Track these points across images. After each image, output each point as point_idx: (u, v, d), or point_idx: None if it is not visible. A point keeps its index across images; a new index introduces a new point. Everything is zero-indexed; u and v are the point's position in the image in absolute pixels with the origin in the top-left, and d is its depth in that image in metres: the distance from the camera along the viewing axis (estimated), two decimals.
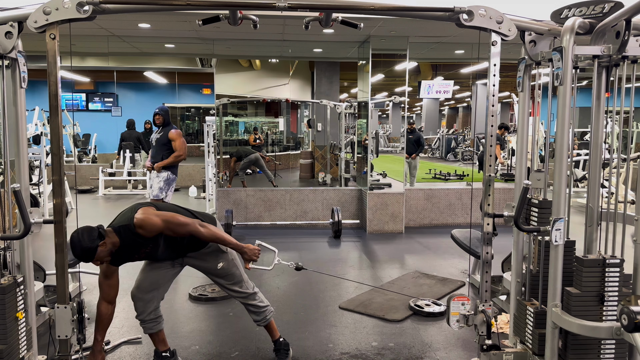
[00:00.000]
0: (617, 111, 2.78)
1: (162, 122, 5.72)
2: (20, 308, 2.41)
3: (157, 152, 5.68)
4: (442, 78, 12.61)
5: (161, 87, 14.54)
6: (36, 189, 7.24)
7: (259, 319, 2.97)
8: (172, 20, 6.03)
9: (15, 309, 2.36)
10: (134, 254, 2.67)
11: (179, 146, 5.65)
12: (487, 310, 2.60)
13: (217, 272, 2.86)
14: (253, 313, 2.97)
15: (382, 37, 6.77)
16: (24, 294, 2.44)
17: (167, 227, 2.59)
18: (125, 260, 2.68)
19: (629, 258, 2.37)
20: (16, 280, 2.37)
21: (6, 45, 2.33)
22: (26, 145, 2.50)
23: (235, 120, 13.08)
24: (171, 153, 5.66)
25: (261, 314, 2.95)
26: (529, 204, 2.62)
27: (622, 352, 2.37)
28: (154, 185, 5.65)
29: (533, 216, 2.60)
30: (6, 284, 2.30)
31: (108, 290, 2.73)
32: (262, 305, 2.96)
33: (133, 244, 2.59)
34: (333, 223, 6.39)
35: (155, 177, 5.65)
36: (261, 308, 2.95)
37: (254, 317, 2.98)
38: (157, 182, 5.62)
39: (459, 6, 2.42)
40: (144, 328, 2.89)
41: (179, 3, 2.45)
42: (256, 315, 2.97)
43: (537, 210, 2.56)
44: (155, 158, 5.68)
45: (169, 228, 2.60)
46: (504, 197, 6.84)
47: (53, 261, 2.41)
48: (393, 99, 8.18)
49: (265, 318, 2.96)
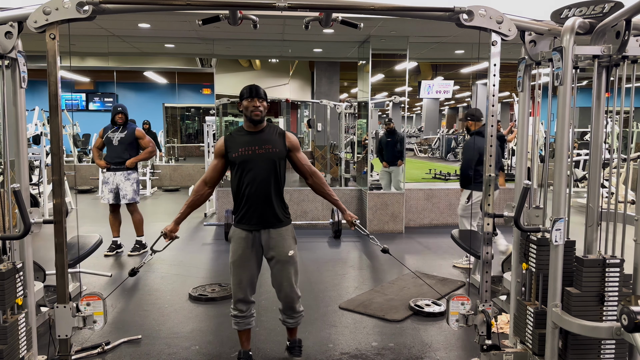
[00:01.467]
0: (617, 111, 2.78)
1: (124, 121, 5.44)
2: (20, 294, 2.40)
3: (122, 151, 5.37)
4: (442, 78, 12.62)
5: (161, 87, 14.55)
6: (36, 189, 7.24)
7: (292, 322, 2.96)
8: (172, 20, 6.03)
9: (15, 295, 2.35)
10: (250, 147, 2.75)
11: (149, 142, 5.54)
12: (487, 310, 2.60)
13: (286, 258, 2.79)
14: (289, 317, 2.93)
15: (382, 37, 6.78)
16: (23, 280, 2.43)
17: (300, 149, 2.89)
18: (241, 150, 2.74)
19: (629, 258, 2.37)
20: (15, 266, 2.36)
21: (6, 45, 2.32)
22: (26, 145, 2.50)
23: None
24: (137, 152, 5.47)
25: (297, 318, 2.96)
26: (527, 239, 2.60)
27: (622, 352, 2.37)
28: (127, 189, 5.34)
29: (532, 254, 2.55)
30: (5, 270, 2.28)
31: (211, 173, 2.85)
32: (301, 310, 2.96)
33: (267, 137, 2.78)
34: (333, 223, 6.39)
35: (125, 181, 5.34)
36: (299, 313, 2.95)
37: (289, 320, 2.95)
38: (130, 185, 5.36)
39: (459, 6, 2.42)
40: (240, 324, 2.89)
41: (179, 3, 2.45)
42: (291, 318, 2.94)
43: (536, 248, 2.51)
44: (121, 158, 5.36)
45: (302, 154, 2.91)
46: (504, 197, 6.85)
47: (53, 261, 2.41)
48: (393, 99, 8.19)
49: (298, 322, 2.98)
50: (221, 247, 6.00)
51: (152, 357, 3.12)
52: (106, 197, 5.41)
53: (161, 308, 3.97)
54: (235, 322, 2.89)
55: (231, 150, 2.76)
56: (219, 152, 2.82)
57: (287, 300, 2.86)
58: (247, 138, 2.77)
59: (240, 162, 2.74)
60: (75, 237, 3.67)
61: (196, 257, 5.50)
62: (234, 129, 2.86)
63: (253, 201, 2.74)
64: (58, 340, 2.48)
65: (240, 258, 2.79)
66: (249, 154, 2.73)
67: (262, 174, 2.73)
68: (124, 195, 5.38)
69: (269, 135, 2.79)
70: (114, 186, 5.38)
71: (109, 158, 5.42)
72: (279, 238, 2.78)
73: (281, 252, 2.78)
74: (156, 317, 3.77)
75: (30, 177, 7.03)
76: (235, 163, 2.76)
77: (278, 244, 2.78)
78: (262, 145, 2.75)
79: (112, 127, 5.43)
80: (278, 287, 2.85)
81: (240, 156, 2.74)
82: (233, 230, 2.85)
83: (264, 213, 2.76)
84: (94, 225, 6.55)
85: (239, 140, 2.77)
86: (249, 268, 2.80)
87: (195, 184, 2.88)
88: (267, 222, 2.77)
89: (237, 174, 2.77)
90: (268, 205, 2.76)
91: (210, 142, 8.27)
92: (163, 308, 3.97)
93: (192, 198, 2.86)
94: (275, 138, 2.80)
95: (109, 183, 5.38)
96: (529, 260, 2.58)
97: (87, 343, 3.24)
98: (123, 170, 5.38)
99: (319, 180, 2.94)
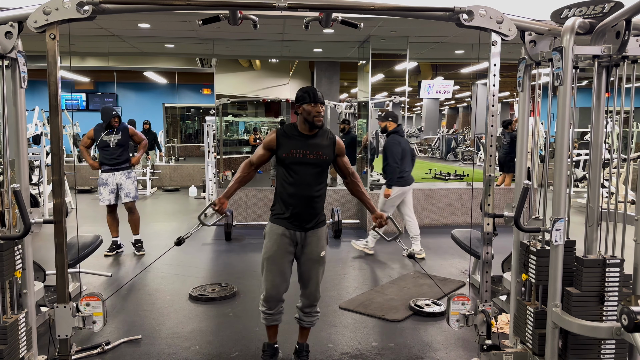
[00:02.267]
0: (617, 111, 2.79)
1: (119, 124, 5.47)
2: (19, 267, 2.39)
3: (120, 153, 5.41)
4: (442, 78, 12.60)
5: (161, 87, 14.54)
6: (36, 189, 7.25)
7: (308, 321, 2.99)
8: (172, 20, 6.03)
9: (14, 267, 2.35)
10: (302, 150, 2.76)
11: (141, 136, 5.68)
12: (487, 310, 2.60)
13: (318, 258, 2.84)
14: (307, 315, 2.97)
15: (382, 37, 6.77)
16: (22, 253, 2.42)
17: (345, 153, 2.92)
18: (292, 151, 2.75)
19: (629, 258, 2.37)
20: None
21: (6, 45, 2.33)
22: (26, 145, 2.50)
23: (235, 120, 13.06)
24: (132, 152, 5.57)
25: (314, 318, 3.00)
26: (527, 250, 2.60)
27: (622, 352, 2.37)
28: (130, 187, 5.40)
29: (531, 265, 2.55)
30: (3, 242, 2.28)
31: (258, 160, 2.87)
32: (319, 310, 3.01)
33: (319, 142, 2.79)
34: (333, 223, 6.39)
35: (127, 179, 5.40)
36: (318, 313, 3.01)
37: (306, 319, 2.98)
38: (132, 183, 5.43)
39: (459, 6, 2.42)
40: (269, 320, 2.94)
41: (179, 3, 2.45)
42: (309, 317, 2.98)
43: (535, 259, 2.52)
44: (119, 159, 5.39)
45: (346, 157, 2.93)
46: (504, 197, 6.85)
47: (53, 261, 2.41)
48: (393, 99, 8.17)
49: (313, 323, 3.01)
50: (221, 247, 6.00)
51: (152, 357, 3.12)
52: (106, 199, 5.38)
53: (161, 308, 3.97)
54: (264, 317, 2.94)
55: (282, 149, 2.78)
56: (269, 145, 2.82)
57: (311, 298, 2.91)
58: (300, 140, 2.78)
59: (290, 163, 2.76)
60: (75, 237, 3.67)
61: (196, 257, 5.50)
62: (286, 125, 2.83)
63: (297, 204, 2.77)
64: (58, 340, 2.48)
65: (275, 255, 2.81)
66: (300, 157, 2.75)
67: (308, 179, 2.77)
68: (127, 193, 5.40)
69: (321, 140, 2.81)
70: (113, 187, 5.38)
71: (106, 160, 5.41)
72: (314, 237, 2.83)
73: (314, 251, 2.83)
74: (156, 317, 3.77)
75: (30, 177, 7.04)
76: (284, 162, 2.78)
77: (312, 242, 2.83)
78: (313, 150, 2.77)
79: (104, 130, 5.41)
80: (305, 284, 2.89)
81: (290, 157, 2.75)
82: (270, 226, 2.86)
83: (305, 215, 2.79)
84: (94, 225, 6.55)
85: (291, 140, 2.78)
86: (283, 266, 2.82)
87: (242, 163, 2.91)
88: (308, 223, 2.81)
89: (284, 173, 2.80)
90: (311, 208, 2.80)
91: (210, 142, 8.27)
92: (163, 308, 3.97)
93: (240, 175, 2.89)
94: (327, 144, 2.82)
95: (108, 184, 5.37)
96: (528, 271, 2.58)
97: (87, 343, 3.24)
98: (124, 170, 5.41)
99: (356, 180, 3.00)
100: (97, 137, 5.43)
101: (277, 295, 2.85)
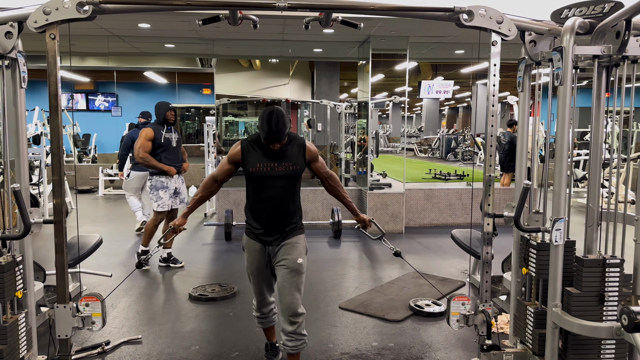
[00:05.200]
0: (617, 111, 2.79)
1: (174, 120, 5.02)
2: (20, 287, 2.39)
3: (179, 153, 5.07)
4: (442, 78, 12.61)
5: (161, 87, 14.55)
6: (36, 189, 7.24)
7: (292, 346, 2.64)
8: (172, 20, 6.03)
9: (14, 288, 2.35)
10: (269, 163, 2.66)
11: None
12: (487, 310, 2.60)
13: (295, 266, 2.63)
14: (291, 338, 2.63)
15: (382, 37, 6.77)
16: (23, 274, 2.42)
17: (318, 157, 2.82)
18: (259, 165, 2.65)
19: (629, 258, 2.37)
20: (15, 259, 2.36)
21: (6, 45, 2.33)
22: (26, 145, 2.50)
23: (235, 120, 13.06)
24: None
25: (300, 342, 2.65)
26: (527, 244, 2.60)
27: (622, 352, 2.37)
28: (184, 191, 5.14)
29: (531, 259, 2.54)
30: (5, 263, 2.27)
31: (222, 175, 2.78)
32: (305, 333, 2.68)
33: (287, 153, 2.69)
34: (333, 223, 6.39)
35: (182, 183, 5.11)
36: (303, 337, 2.67)
37: (290, 344, 2.63)
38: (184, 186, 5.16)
39: (459, 6, 2.42)
40: (264, 323, 2.96)
41: (179, 3, 2.45)
42: (293, 341, 2.64)
43: (536, 252, 2.51)
44: (179, 160, 5.07)
45: (321, 160, 2.83)
46: (504, 197, 6.85)
47: (53, 261, 2.41)
48: (393, 99, 8.19)
49: (298, 347, 2.65)
50: (221, 247, 6.00)
51: (152, 357, 3.12)
52: (167, 204, 4.91)
53: (161, 308, 3.97)
54: (258, 321, 2.95)
55: (248, 163, 2.66)
56: (234, 159, 2.71)
57: (288, 312, 2.62)
58: (266, 152, 2.65)
59: (258, 178, 2.66)
60: (75, 237, 3.66)
61: (196, 257, 5.50)
62: (251, 136, 2.69)
63: (268, 220, 2.70)
64: (58, 340, 2.48)
65: (257, 269, 2.78)
66: (267, 171, 2.64)
67: (279, 192, 2.67)
68: (182, 199, 5.10)
69: (289, 149, 2.68)
70: (172, 191, 4.99)
71: (169, 162, 4.92)
72: (288, 246, 2.72)
73: (290, 259, 2.67)
74: (156, 317, 3.77)
75: (30, 177, 7.03)
76: (252, 177, 2.68)
77: (287, 251, 2.70)
78: (281, 162, 2.65)
79: (162, 127, 4.89)
80: (280, 293, 2.66)
81: (257, 172, 2.64)
82: (247, 240, 2.78)
83: (279, 228, 2.71)
84: (94, 225, 6.55)
85: (257, 153, 2.66)
86: (266, 276, 2.80)
87: (205, 179, 2.84)
88: (281, 235, 2.72)
89: (253, 188, 2.70)
90: (284, 219, 2.71)
91: (210, 142, 8.27)
92: (163, 308, 3.97)
93: (201, 194, 2.82)
94: (296, 152, 2.69)
95: (169, 188, 4.93)
96: (528, 264, 2.58)
97: (87, 343, 3.24)
98: (180, 173, 5.10)
99: (334, 183, 2.89)
100: (158, 136, 4.84)
101: (265, 300, 2.88)
